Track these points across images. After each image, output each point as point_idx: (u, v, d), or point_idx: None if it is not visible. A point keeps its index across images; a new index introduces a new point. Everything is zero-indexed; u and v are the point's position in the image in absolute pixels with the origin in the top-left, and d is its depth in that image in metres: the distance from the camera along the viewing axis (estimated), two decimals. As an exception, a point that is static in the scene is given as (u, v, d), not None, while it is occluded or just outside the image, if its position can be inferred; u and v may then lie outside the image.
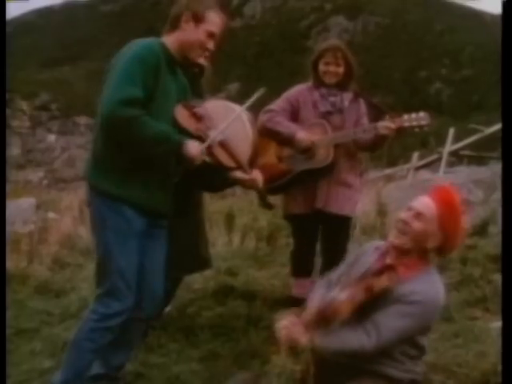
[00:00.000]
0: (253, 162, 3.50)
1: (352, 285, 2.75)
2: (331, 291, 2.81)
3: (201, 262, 4.05)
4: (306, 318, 2.75)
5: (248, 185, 3.31)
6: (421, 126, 3.95)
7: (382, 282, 2.71)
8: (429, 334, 2.98)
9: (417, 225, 2.81)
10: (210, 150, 3.09)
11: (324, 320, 2.71)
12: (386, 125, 3.94)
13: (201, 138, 3.12)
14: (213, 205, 7.06)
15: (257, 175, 3.26)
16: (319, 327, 2.71)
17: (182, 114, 3.19)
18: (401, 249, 2.84)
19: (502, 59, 3.05)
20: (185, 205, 3.71)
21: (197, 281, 4.78)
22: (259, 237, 6.45)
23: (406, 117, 3.95)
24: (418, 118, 3.94)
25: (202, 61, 3.87)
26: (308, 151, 4.09)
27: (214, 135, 3.10)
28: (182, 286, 4.26)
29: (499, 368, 2.52)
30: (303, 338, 2.69)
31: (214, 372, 3.52)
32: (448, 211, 2.82)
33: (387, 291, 2.72)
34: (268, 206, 3.45)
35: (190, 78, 3.58)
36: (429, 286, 2.78)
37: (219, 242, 6.34)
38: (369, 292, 2.69)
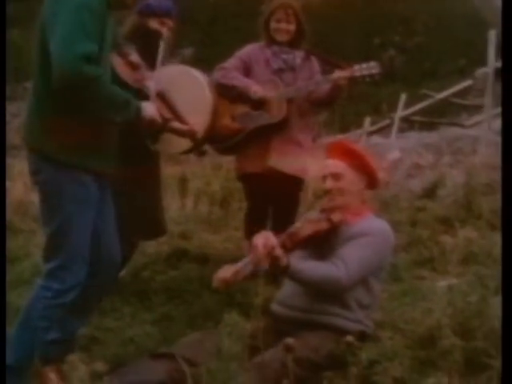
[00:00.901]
0: (214, 125, 3.49)
1: (311, 220, 2.95)
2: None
3: (157, 228, 4.07)
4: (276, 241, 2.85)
5: (186, 135, 3.25)
6: (372, 75, 3.98)
7: (338, 215, 2.94)
8: (379, 293, 3.10)
9: (340, 184, 3.04)
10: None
11: (291, 241, 2.87)
12: (338, 74, 3.97)
13: (140, 91, 3.05)
14: (166, 169, 7.01)
15: (195, 125, 3.25)
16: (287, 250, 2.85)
17: (117, 63, 3.07)
18: (343, 206, 3.04)
19: (502, 54, 3.08)
20: (135, 161, 3.65)
21: (150, 245, 4.78)
22: (212, 201, 6.47)
23: (356, 66, 3.98)
24: (369, 67, 3.97)
25: (164, 31, 3.82)
26: (261, 107, 4.09)
27: (153, 86, 3.03)
28: (135, 251, 4.27)
29: (443, 322, 2.64)
30: (281, 255, 2.79)
31: (167, 334, 3.55)
32: (352, 156, 3.07)
33: (343, 224, 2.95)
34: (201, 154, 3.57)
35: (147, 45, 3.52)
36: (376, 223, 3.06)
37: (172, 207, 6.33)
38: (330, 222, 2.90)
